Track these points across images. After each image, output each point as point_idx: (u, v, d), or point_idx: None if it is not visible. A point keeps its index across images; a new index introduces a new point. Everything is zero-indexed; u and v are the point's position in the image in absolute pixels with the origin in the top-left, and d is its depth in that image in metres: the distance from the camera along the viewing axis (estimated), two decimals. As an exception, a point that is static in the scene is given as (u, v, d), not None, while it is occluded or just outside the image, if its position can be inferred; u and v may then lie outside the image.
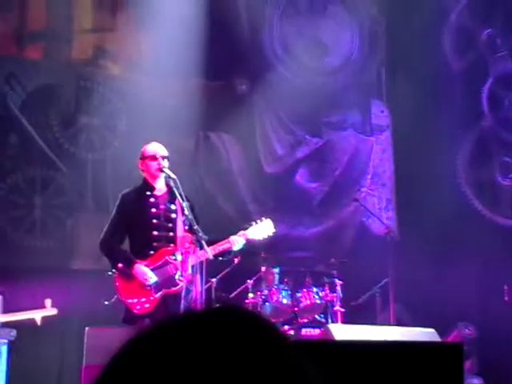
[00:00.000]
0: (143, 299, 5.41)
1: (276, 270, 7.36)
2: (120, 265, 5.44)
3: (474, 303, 7.45)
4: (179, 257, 5.52)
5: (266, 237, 5.89)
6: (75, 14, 8.26)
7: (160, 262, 5.50)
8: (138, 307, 5.40)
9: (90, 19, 8.33)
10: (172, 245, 5.54)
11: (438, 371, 4.18)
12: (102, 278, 5.71)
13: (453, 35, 8.96)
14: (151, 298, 5.42)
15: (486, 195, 8.80)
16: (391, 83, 9.00)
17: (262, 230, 5.85)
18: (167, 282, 5.47)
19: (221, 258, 5.67)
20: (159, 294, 5.43)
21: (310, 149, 8.76)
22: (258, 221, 5.90)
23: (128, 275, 5.42)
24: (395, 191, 8.89)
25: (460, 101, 8.67)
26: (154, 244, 5.50)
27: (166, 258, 5.50)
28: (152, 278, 5.43)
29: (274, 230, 5.92)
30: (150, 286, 5.41)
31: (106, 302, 5.53)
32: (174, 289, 5.47)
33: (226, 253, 5.68)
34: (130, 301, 5.41)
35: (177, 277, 5.49)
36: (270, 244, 7.07)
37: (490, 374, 7.28)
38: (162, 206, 5.61)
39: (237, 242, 5.63)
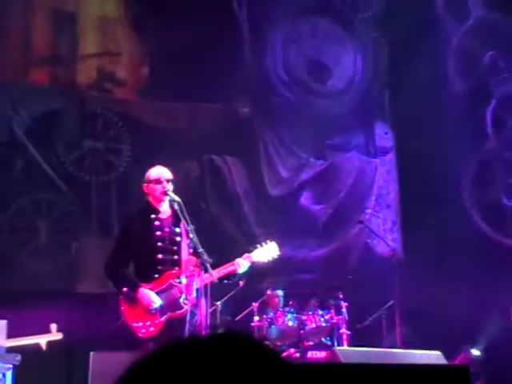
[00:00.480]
0: (148, 323, 5.39)
1: (280, 293, 7.34)
2: (125, 289, 5.43)
3: (480, 325, 7.41)
4: (184, 280, 5.51)
5: (270, 259, 5.88)
6: (80, 39, 8.33)
7: (165, 286, 5.48)
8: (143, 331, 5.38)
9: (94, 43, 8.39)
10: (177, 268, 5.53)
11: (445, 394, 4.15)
12: (107, 301, 5.70)
13: (456, 57, 9.01)
14: (156, 321, 5.40)
15: (491, 216, 8.79)
16: (394, 105, 9.03)
17: (267, 252, 5.84)
18: (172, 305, 5.45)
19: (226, 281, 5.66)
20: (164, 317, 5.42)
21: (314, 171, 8.77)
22: (263, 243, 5.89)
23: (132, 299, 5.41)
24: (400, 212, 8.88)
25: (463, 122, 8.69)
26: (159, 267, 5.49)
27: (171, 281, 5.49)
28: (157, 302, 5.41)
29: (278, 253, 5.91)
30: (154, 309, 5.40)
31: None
32: (178, 312, 5.45)
33: (231, 276, 5.66)
34: (135, 324, 5.40)
35: (181, 300, 5.48)
36: (275, 267, 7.06)
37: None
38: (166, 229, 5.61)
39: (242, 264, 5.62)
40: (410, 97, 8.81)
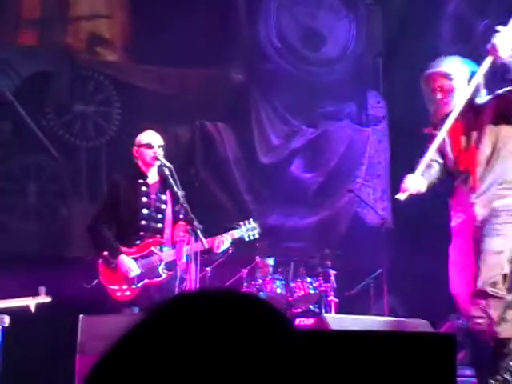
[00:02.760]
0: (125, 286, 5.44)
1: (270, 261, 7.38)
2: (105, 253, 5.46)
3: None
4: (165, 249, 5.55)
5: (251, 239, 5.89)
6: (70, 1, 8.22)
7: (145, 252, 5.51)
8: (119, 294, 5.44)
9: (85, 6, 8.28)
10: (159, 236, 5.55)
11: (431, 362, 4.20)
12: (89, 261, 5.73)
13: (450, 26, 8.95)
14: (133, 286, 5.45)
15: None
16: (388, 74, 8.99)
17: (248, 232, 5.84)
18: (150, 272, 5.49)
19: (206, 255, 5.66)
20: (141, 283, 5.46)
21: (306, 139, 8.75)
22: (246, 222, 5.88)
23: (111, 264, 5.44)
24: (390, 182, 8.89)
25: (456, 92, 8.65)
26: (141, 233, 5.51)
27: (152, 248, 5.51)
28: (135, 271, 5.45)
29: (258, 236, 5.92)
30: (132, 277, 5.44)
31: (87, 286, 5.55)
32: (156, 280, 5.50)
33: (212, 253, 5.66)
34: (111, 287, 5.45)
35: (160, 268, 5.51)
36: (265, 234, 7.08)
37: (483, 366, 7.30)
38: (152, 196, 5.61)
39: (223, 243, 5.62)
40: (403, 66, 8.76)
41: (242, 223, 5.86)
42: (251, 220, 5.95)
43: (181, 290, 5.41)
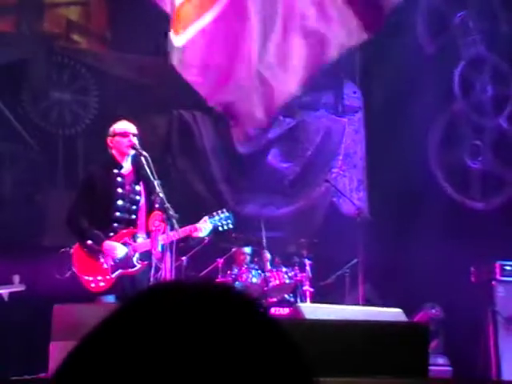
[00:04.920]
0: (99, 277, 5.43)
1: (247, 249, 7.38)
2: (89, 242, 5.43)
3: (441, 284, 7.54)
4: (140, 239, 5.54)
5: (225, 229, 5.90)
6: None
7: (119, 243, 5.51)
8: (93, 285, 5.42)
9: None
10: (132, 227, 5.54)
11: (404, 350, 4.25)
12: (62, 253, 5.70)
13: (426, 17, 8.98)
14: (107, 276, 5.43)
15: (455, 178, 8.88)
16: (364, 64, 9.01)
17: (222, 221, 5.84)
18: (125, 262, 5.48)
19: (182, 243, 5.66)
20: (115, 273, 5.45)
21: (282, 129, 8.75)
22: (220, 211, 5.89)
23: (96, 251, 5.42)
24: (366, 172, 8.93)
25: (432, 83, 8.71)
26: (115, 225, 5.50)
27: (126, 239, 5.50)
28: (121, 252, 5.43)
29: (231, 226, 5.93)
30: (119, 259, 5.41)
31: (60, 276, 5.54)
32: (130, 270, 5.49)
33: (191, 239, 5.68)
34: (85, 278, 5.43)
35: (135, 259, 5.50)
36: (241, 223, 7.09)
37: (455, 354, 7.40)
38: (127, 187, 5.59)
39: (203, 228, 5.63)
40: (379, 56, 8.80)
41: (215, 213, 5.86)
42: (224, 210, 5.95)
43: (156, 279, 5.41)
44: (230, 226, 5.93)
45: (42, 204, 7.72)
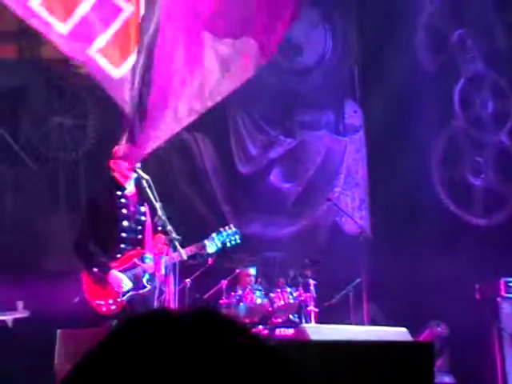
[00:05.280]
0: (110, 301, 5.39)
1: (252, 271, 7.35)
2: (95, 269, 5.41)
3: (445, 302, 7.51)
4: (148, 260, 5.52)
5: (233, 244, 5.91)
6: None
7: (128, 264, 5.48)
8: (105, 309, 5.39)
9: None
10: (139, 247, 5.53)
11: (410, 369, 4.22)
12: (75, 279, 5.68)
13: (425, 36, 9.03)
14: (118, 300, 5.40)
15: (457, 195, 8.88)
16: (364, 83, 9.04)
17: (230, 237, 5.86)
18: (135, 284, 5.46)
19: (191, 261, 5.67)
20: (126, 296, 5.42)
21: (284, 149, 8.77)
22: (227, 227, 5.90)
23: (102, 280, 5.40)
24: (369, 191, 8.93)
25: (432, 101, 8.73)
26: (122, 246, 5.49)
27: (134, 260, 5.49)
28: (127, 285, 5.42)
29: (239, 242, 5.94)
30: (123, 293, 5.40)
31: (71, 302, 5.51)
32: (141, 291, 5.47)
33: (198, 255, 5.68)
34: (97, 302, 5.40)
35: (144, 280, 5.48)
36: (244, 244, 7.08)
37: (461, 372, 7.35)
38: (131, 208, 5.59)
39: (209, 245, 5.64)
40: (379, 75, 8.83)
41: (222, 229, 5.87)
42: (231, 225, 5.97)
43: (160, 302, 5.39)
44: (238, 241, 5.93)
45: (44, 229, 7.72)
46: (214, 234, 5.77)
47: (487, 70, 9.12)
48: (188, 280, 6.82)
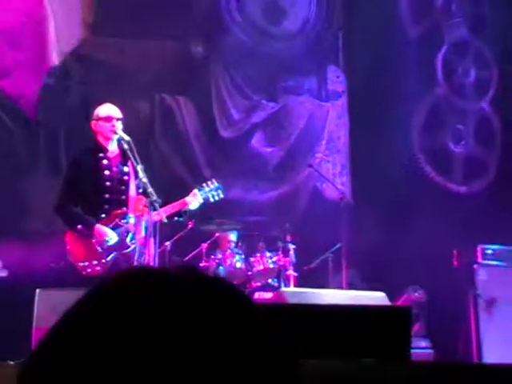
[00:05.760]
0: (94, 262, 5.38)
1: (233, 236, 7.35)
2: (79, 226, 5.39)
3: (423, 268, 7.58)
4: (131, 220, 5.50)
5: (216, 199, 5.90)
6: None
7: (111, 225, 5.47)
8: (89, 270, 5.38)
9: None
10: (124, 208, 5.51)
11: (388, 333, 4.28)
12: (54, 239, 5.66)
13: (409, 2, 8.99)
14: (102, 260, 5.39)
15: (438, 162, 8.92)
16: (348, 49, 9.00)
17: (212, 192, 5.86)
18: (119, 244, 5.45)
19: (176, 218, 5.67)
20: (111, 256, 5.41)
21: (266, 113, 8.74)
22: (209, 182, 5.91)
23: (87, 236, 5.38)
24: (350, 157, 8.94)
25: (415, 67, 8.72)
26: (106, 207, 5.47)
27: (117, 220, 5.47)
28: (113, 237, 5.40)
29: (222, 195, 5.93)
30: (108, 246, 5.38)
31: (53, 265, 5.50)
32: (125, 251, 5.46)
33: (182, 213, 5.68)
34: (80, 264, 5.39)
35: (128, 240, 5.47)
36: (225, 208, 7.08)
37: (437, 337, 7.45)
38: (114, 169, 5.56)
39: (191, 201, 5.65)
40: (363, 41, 8.78)
41: (205, 184, 5.86)
42: (214, 180, 5.95)
43: (139, 263, 5.39)
44: (221, 195, 5.93)
45: (24, 189, 7.66)
46: (195, 190, 5.76)
47: (471, 37, 9.10)
48: (168, 243, 6.82)
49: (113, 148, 5.61)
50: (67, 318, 0.76)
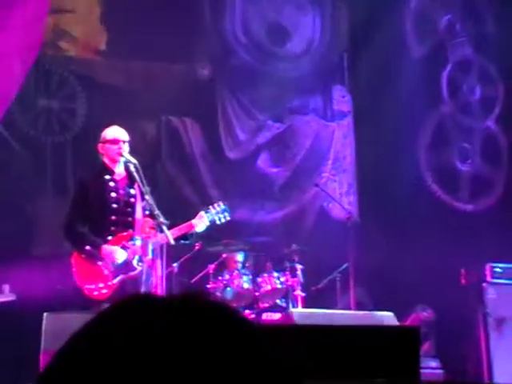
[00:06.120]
0: (101, 285, 5.37)
1: (240, 257, 7.34)
2: (87, 247, 5.39)
3: (432, 287, 7.55)
4: (138, 242, 5.50)
5: (223, 221, 5.90)
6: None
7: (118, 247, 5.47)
8: (96, 293, 5.36)
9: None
10: (130, 230, 5.52)
11: (396, 354, 4.25)
12: (62, 263, 5.66)
13: (413, 21, 9.03)
14: (109, 283, 5.38)
15: (444, 180, 8.91)
16: (353, 69, 9.04)
17: (219, 214, 5.86)
18: (125, 267, 5.44)
19: (182, 241, 5.67)
20: (117, 279, 5.41)
21: (272, 134, 8.76)
22: (216, 205, 5.91)
23: (95, 257, 5.38)
24: (356, 176, 8.94)
25: (420, 86, 8.75)
26: (112, 228, 5.47)
27: (124, 242, 5.47)
28: (121, 257, 5.39)
29: (229, 218, 5.93)
30: (116, 267, 5.37)
31: (59, 287, 5.49)
32: (132, 274, 5.45)
33: (188, 235, 5.68)
34: (87, 286, 5.38)
35: (135, 262, 5.47)
36: (232, 229, 7.08)
37: (447, 357, 7.40)
38: (121, 191, 5.57)
39: (197, 224, 5.65)
40: (368, 61, 8.82)
41: (211, 207, 5.86)
42: (220, 203, 5.95)
43: (147, 286, 5.39)
44: (228, 217, 5.92)
45: (32, 213, 7.69)
46: (202, 212, 5.76)
47: (475, 55, 9.13)
48: (175, 264, 6.81)
49: (119, 170, 5.63)
50: (73, 342, 0.77)
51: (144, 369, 0.72)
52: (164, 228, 5.31)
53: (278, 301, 7.22)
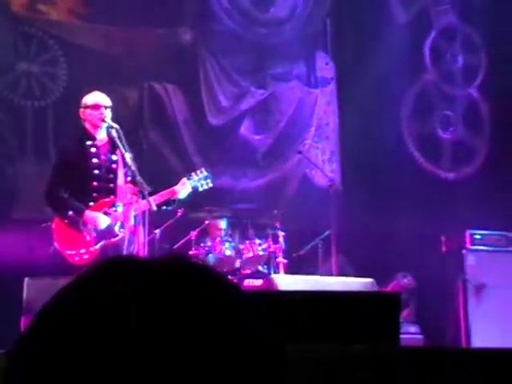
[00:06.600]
0: (82, 250, 5.37)
1: (223, 224, 7.34)
2: (70, 213, 5.37)
3: (412, 254, 7.61)
4: (119, 208, 5.49)
5: (205, 188, 5.90)
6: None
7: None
8: (77, 258, 5.36)
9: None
10: (112, 196, 5.50)
11: (377, 319, 4.29)
12: (43, 228, 5.65)
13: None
14: (90, 248, 5.38)
15: (426, 148, 8.94)
16: (336, 35, 8.99)
17: (201, 181, 5.86)
18: (107, 232, 5.44)
19: (165, 207, 5.66)
20: (99, 245, 5.40)
21: (255, 100, 8.72)
22: (199, 172, 5.90)
23: (78, 223, 5.36)
24: (339, 144, 8.94)
25: (404, 53, 8.72)
26: (94, 195, 5.45)
27: (106, 208, 5.46)
28: (104, 223, 5.38)
29: (211, 184, 5.93)
30: (99, 232, 5.36)
31: (41, 251, 5.47)
32: (113, 240, 5.44)
33: (171, 201, 5.68)
34: (68, 252, 5.37)
35: (116, 228, 5.46)
36: (215, 196, 7.07)
37: (426, 323, 7.49)
38: (102, 157, 5.54)
39: (180, 190, 5.64)
40: (351, 27, 8.77)
41: (194, 173, 5.86)
42: (203, 169, 5.95)
43: (129, 252, 5.38)
44: (210, 184, 5.93)
45: (12, 177, 7.63)
46: (184, 179, 5.76)
47: (459, 23, 9.11)
48: (157, 231, 6.81)
49: (101, 136, 5.59)
50: (52, 306, 0.76)
51: (121, 332, 0.71)
52: (146, 194, 5.30)
53: (260, 267, 7.25)
